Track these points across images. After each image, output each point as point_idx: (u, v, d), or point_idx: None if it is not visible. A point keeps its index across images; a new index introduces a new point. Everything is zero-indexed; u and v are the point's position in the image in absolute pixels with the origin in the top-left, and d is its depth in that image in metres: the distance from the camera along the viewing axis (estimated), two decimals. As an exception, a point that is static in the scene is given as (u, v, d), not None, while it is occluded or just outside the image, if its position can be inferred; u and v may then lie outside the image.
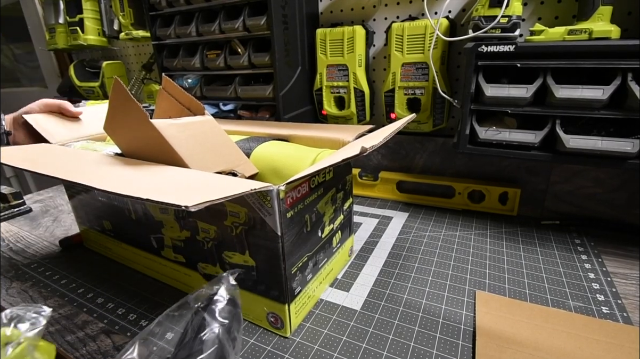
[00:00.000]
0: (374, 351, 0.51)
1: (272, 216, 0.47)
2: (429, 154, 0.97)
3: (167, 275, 0.68)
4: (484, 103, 0.72)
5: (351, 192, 0.70)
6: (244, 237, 0.52)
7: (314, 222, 0.56)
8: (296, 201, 0.51)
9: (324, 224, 0.60)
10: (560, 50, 0.64)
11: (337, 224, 0.65)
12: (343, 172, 0.65)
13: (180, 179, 0.48)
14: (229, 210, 0.51)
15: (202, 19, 0.99)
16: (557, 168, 0.83)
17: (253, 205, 0.48)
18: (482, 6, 0.70)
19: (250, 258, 0.53)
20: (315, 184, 0.55)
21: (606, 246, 0.74)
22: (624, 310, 0.57)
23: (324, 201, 0.59)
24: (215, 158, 0.56)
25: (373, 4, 0.96)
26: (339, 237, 0.67)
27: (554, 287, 0.63)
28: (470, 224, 0.85)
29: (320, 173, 0.56)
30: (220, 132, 0.61)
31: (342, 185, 0.65)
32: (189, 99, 0.66)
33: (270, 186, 0.45)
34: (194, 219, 0.57)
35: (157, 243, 0.66)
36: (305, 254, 0.56)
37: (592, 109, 0.64)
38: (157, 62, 1.12)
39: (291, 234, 0.51)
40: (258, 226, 0.49)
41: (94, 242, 0.82)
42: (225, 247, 0.56)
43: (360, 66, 0.95)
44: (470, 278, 0.66)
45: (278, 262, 0.50)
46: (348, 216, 0.70)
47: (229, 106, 1.04)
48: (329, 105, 1.03)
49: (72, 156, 0.62)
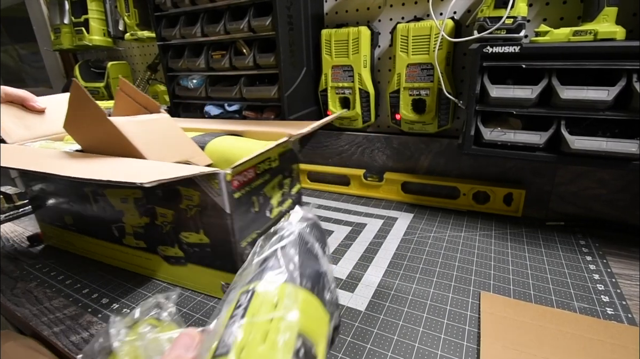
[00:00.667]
0: (379, 351, 0.52)
1: (221, 196, 0.55)
2: (434, 155, 0.97)
3: (129, 262, 0.73)
4: (489, 104, 0.72)
5: (298, 179, 0.80)
6: (198, 218, 0.59)
7: (261, 203, 0.65)
8: (243, 184, 0.58)
9: (272, 206, 0.69)
10: (565, 52, 0.64)
11: (285, 206, 0.74)
12: (289, 161, 0.74)
13: (137, 166, 0.54)
14: (184, 194, 0.58)
15: (207, 19, 0.99)
16: (561, 169, 0.83)
17: (204, 188, 0.55)
18: (488, 7, 0.70)
19: (205, 236, 0.60)
20: (261, 170, 0.63)
21: (611, 247, 0.74)
22: (629, 311, 0.57)
23: (271, 185, 0.68)
24: (171, 151, 0.61)
25: (378, 5, 0.96)
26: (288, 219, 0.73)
27: (559, 288, 0.63)
28: (475, 225, 0.85)
29: (266, 161, 0.65)
30: (175, 128, 0.67)
31: (288, 172, 0.75)
32: (146, 99, 0.72)
33: (218, 170, 0.53)
34: (153, 206, 0.63)
35: (118, 232, 0.72)
36: (255, 231, 0.63)
37: (597, 110, 0.64)
38: (162, 63, 1.12)
39: (239, 213, 0.58)
40: (210, 206, 0.57)
41: (55, 239, 0.86)
42: (182, 228, 0.62)
43: (366, 67, 0.95)
44: (475, 278, 0.66)
45: (229, 237, 0.58)
46: (297, 200, 0.80)
47: (234, 106, 1.04)
48: (334, 106, 1.03)
49: (30, 152, 0.66)
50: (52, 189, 0.78)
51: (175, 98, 1.16)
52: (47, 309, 0.64)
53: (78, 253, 0.81)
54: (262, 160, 0.63)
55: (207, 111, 1.07)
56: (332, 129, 1.11)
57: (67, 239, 0.83)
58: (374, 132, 1.07)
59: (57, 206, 0.80)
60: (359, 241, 0.81)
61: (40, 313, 0.64)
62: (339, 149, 1.11)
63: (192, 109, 1.16)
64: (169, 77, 1.14)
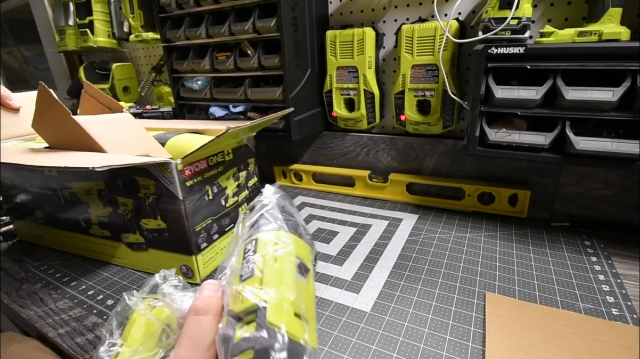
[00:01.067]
0: (384, 352, 0.52)
1: (174, 184, 0.61)
2: (439, 156, 0.97)
3: (97, 251, 0.79)
4: (493, 105, 0.72)
5: (255, 173, 0.86)
6: (155, 205, 0.65)
7: (215, 193, 0.71)
8: (195, 174, 0.65)
9: (227, 196, 0.75)
10: (570, 52, 0.64)
11: (242, 197, 0.81)
12: (244, 155, 0.81)
13: (96, 158, 0.57)
14: (141, 183, 0.64)
15: (212, 21, 1.00)
16: (566, 170, 0.83)
17: (159, 177, 0.62)
18: (492, 8, 0.70)
19: (162, 222, 0.67)
20: (214, 162, 0.70)
21: (616, 248, 0.74)
22: (634, 312, 0.57)
23: (225, 177, 0.74)
24: (132, 147, 0.66)
25: (383, 6, 0.96)
26: (245, 209, 0.80)
27: (564, 289, 0.63)
28: (480, 225, 0.85)
29: (219, 154, 0.72)
30: (137, 126, 0.71)
31: (244, 166, 0.81)
32: (109, 100, 0.78)
33: (169, 160, 0.59)
34: (115, 196, 0.69)
35: (85, 223, 0.77)
36: (210, 218, 0.70)
37: (602, 111, 0.64)
38: (167, 64, 1.13)
39: (192, 199, 0.65)
40: (164, 193, 0.63)
41: (28, 234, 0.92)
42: (141, 216, 0.68)
43: (370, 68, 0.95)
44: (480, 279, 0.67)
45: (183, 221, 0.64)
46: (254, 192, 0.85)
47: (239, 107, 1.05)
48: (338, 107, 1.03)
49: None
50: (22, 185, 0.84)
51: (180, 99, 1.16)
52: (52, 311, 0.65)
53: (49, 246, 0.87)
54: (214, 153, 0.70)
55: (211, 112, 1.08)
56: (336, 130, 1.11)
57: (38, 233, 0.89)
58: (379, 133, 1.07)
59: (27, 202, 0.86)
60: (363, 242, 0.81)
61: (46, 314, 0.64)
62: (344, 150, 1.11)
63: (196, 111, 1.16)
64: (173, 78, 1.14)
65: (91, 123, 0.63)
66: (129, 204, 0.68)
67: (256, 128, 0.81)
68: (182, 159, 0.61)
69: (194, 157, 0.64)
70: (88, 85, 0.78)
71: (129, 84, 1.57)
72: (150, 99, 1.55)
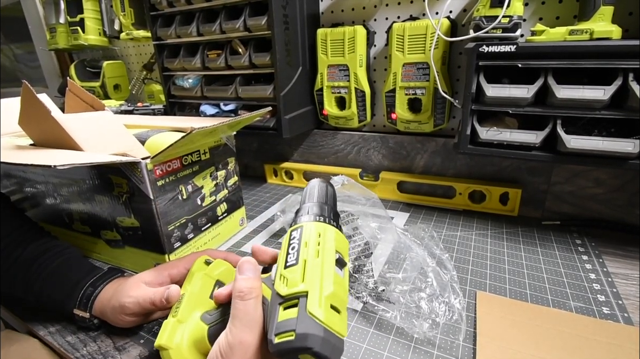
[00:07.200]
0: (375, 351, 0.51)
1: (144, 184, 0.61)
2: (430, 154, 0.97)
3: (79, 246, 0.77)
4: (485, 103, 0.71)
5: (236, 172, 0.85)
6: (128, 203, 0.66)
7: (190, 192, 0.71)
8: (167, 174, 0.65)
9: (204, 195, 0.75)
10: (561, 51, 0.64)
11: (220, 197, 0.80)
12: (223, 154, 0.80)
13: (63, 156, 0.58)
14: (115, 182, 0.65)
15: (203, 19, 0.99)
16: (558, 168, 0.83)
17: (130, 176, 0.62)
18: (483, 6, 0.70)
19: (136, 220, 0.67)
20: (188, 162, 0.70)
21: (607, 247, 0.74)
22: (625, 311, 0.57)
23: (201, 176, 0.74)
24: (110, 144, 0.65)
25: (374, 4, 0.95)
26: (224, 208, 0.82)
27: (555, 287, 0.63)
28: (471, 224, 0.85)
29: (194, 153, 0.71)
30: (116, 124, 0.71)
31: (222, 165, 0.80)
32: (92, 98, 0.79)
33: (137, 159, 0.60)
34: (92, 193, 0.70)
35: (68, 218, 0.79)
36: (184, 217, 0.70)
37: (593, 110, 0.63)
38: (158, 62, 1.12)
39: (164, 199, 0.65)
40: (136, 192, 0.63)
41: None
42: (117, 214, 0.69)
43: (361, 66, 0.95)
44: (471, 278, 0.66)
45: (154, 220, 0.65)
46: (235, 192, 0.85)
47: (230, 106, 1.04)
48: (329, 105, 1.03)
49: None
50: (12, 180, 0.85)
51: (171, 97, 1.16)
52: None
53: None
54: (189, 152, 0.70)
55: (202, 110, 1.07)
56: (327, 128, 1.11)
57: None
58: (370, 131, 1.06)
59: (15, 198, 0.87)
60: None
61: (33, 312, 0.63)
62: (335, 148, 1.10)
63: (187, 109, 1.15)
64: (164, 76, 1.13)
65: (71, 122, 0.64)
66: (105, 201, 0.69)
67: (234, 127, 0.80)
68: (152, 158, 0.61)
69: (165, 157, 0.64)
70: (72, 84, 0.79)
71: (120, 81, 1.56)
72: (142, 97, 1.54)
